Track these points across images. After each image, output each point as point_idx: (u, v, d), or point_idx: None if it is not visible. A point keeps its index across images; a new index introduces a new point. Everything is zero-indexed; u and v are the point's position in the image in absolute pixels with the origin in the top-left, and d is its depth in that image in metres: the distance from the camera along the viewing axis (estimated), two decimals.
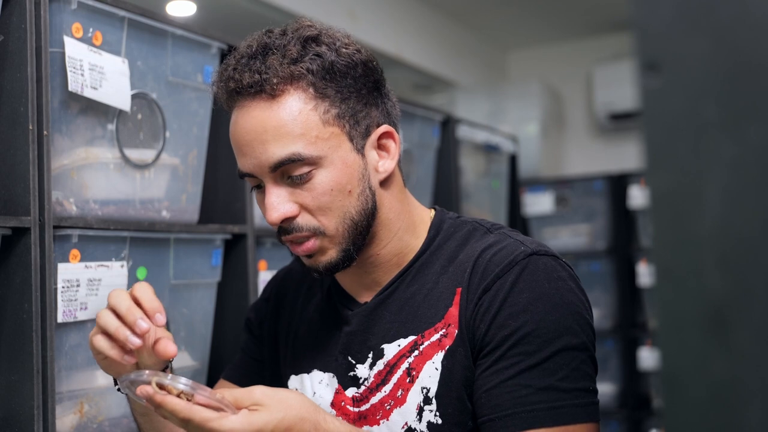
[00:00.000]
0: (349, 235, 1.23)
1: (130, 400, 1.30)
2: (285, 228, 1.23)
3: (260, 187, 1.26)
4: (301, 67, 1.19)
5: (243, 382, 1.41)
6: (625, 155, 4.80)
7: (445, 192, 2.88)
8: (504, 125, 4.30)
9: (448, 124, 2.91)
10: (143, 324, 1.13)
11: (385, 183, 1.27)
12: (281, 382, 1.40)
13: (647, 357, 3.85)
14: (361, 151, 1.24)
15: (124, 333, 1.14)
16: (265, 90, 1.19)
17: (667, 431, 0.58)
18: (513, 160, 3.58)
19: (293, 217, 1.22)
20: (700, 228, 0.55)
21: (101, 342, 1.17)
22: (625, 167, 4.23)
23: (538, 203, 4.14)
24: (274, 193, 1.21)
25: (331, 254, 1.24)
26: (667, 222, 0.56)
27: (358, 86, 1.23)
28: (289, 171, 1.20)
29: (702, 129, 0.53)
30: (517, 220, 3.64)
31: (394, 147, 1.28)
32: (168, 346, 1.15)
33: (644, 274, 3.83)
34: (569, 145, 5.18)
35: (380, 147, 1.27)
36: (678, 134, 0.54)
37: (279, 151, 1.18)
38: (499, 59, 5.47)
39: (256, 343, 1.47)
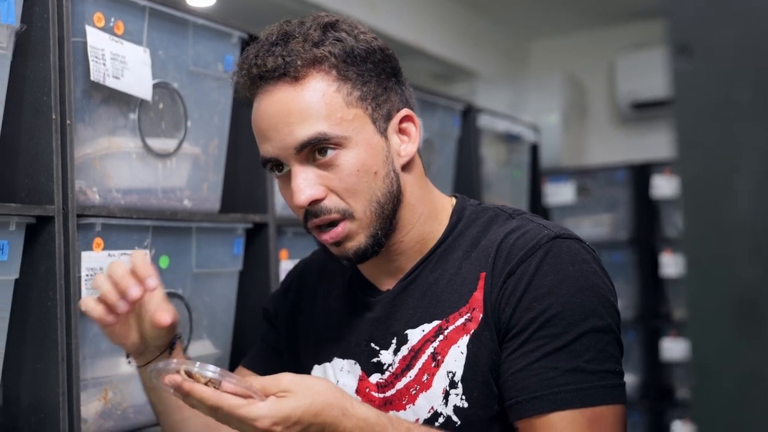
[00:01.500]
0: (377, 218, 1.23)
1: (141, 377, 1.34)
2: (312, 211, 1.23)
3: (282, 173, 1.26)
4: (323, 50, 1.21)
5: (262, 369, 1.42)
6: (648, 145, 4.76)
7: (466, 181, 2.87)
8: (525, 115, 4.28)
9: (469, 114, 2.90)
10: (135, 291, 1.20)
11: (407, 167, 1.28)
12: (301, 373, 1.40)
13: (670, 348, 3.82)
14: (384, 134, 1.25)
15: (113, 297, 1.21)
16: (288, 73, 1.20)
17: (695, 421, 0.57)
18: (534, 149, 3.56)
19: (320, 200, 1.22)
20: (731, 216, 0.54)
21: (89, 302, 1.23)
22: (648, 157, 4.19)
23: (559, 193, 4.11)
24: (301, 176, 1.22)
25: (360, 240, 1.24)
26: (697, 210, 0.56)
27: (377, 71, 1.25)
28: (315, 152, 1.21)
29: (734, 113, 0.52)
30: (539, 209, 3.62)
31: (414, 131, 1.29)
32: (162, 315, 1.23)
33: (667, 264, 3.81)
34: (591, 135, 5.15)
35: (401, 131, 1.28)
36: (709, 119, 0.53)
37: (305, 131, 1.20)
38: (520, 49, 5.44)
39: (275, 332, 1.47)
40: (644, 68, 4.71)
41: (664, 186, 3.86)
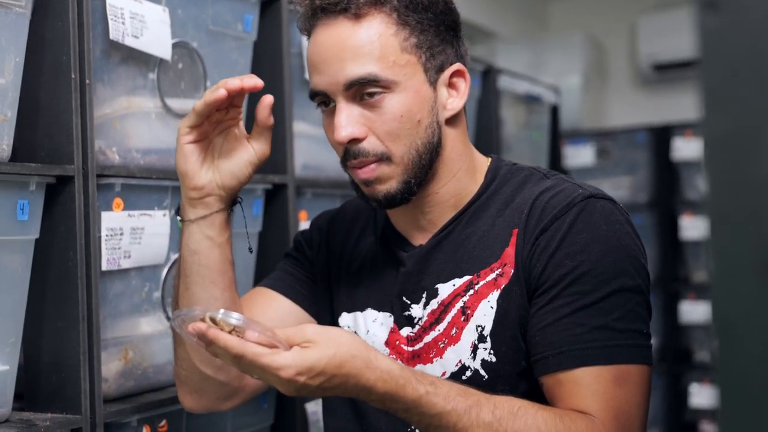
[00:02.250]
0: (413, 166, 1.24)
1: (183, 235, 1.30)
2: (351, 151, 1.24)
3: (329, 107, 1.26)
4: None
5: (282, 287, 1.42)
6: (669, 107, 4.71)
7: (485, 143, 2.85)
8: (545, 77, 4.24)
9: (489, 75, 2.88)
10: (250, 81, 1.23)
11: (451, 122, 1.29)
12: (332, 315, 1.40)
13: (688, 311, 3.81)
14: (433, 84, 1.26)
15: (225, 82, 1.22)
16: (349, 9, 1.21)
17: (718, 383, 0.57)
18: (554, 111, 3.54)
19: (360, 140, 1.23)
20: (759, 172, 0.53)
21: (207, 94, 1.23)
22: (669, 119, 4.15)
23: (579, 155, 4.09)
24: (344, 113, 1.23)
25: (392, 184, 1.25)
26: (722, 169, 0.55)
27: (437, 21, 1.26)
28: (363, 92, 1.22)
29: (762, 69, 0.51)
30: (559, 172, 3.60)
31: (464, 87, 1.30)
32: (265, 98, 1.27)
33: (687, 227, 3.79)
34: (612, 97, 5.10)
35: (451, 85, 1.29)
36: (737, 76, 0.52)
37: (356, 69, 1.21)
38: (541, 9, 5.38)
39: (304, 263, 1.46)
40: (666, 29, 4.65)
41: (684, 148, 3.83)
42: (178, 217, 1.31)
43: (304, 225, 1.92)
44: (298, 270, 1.45)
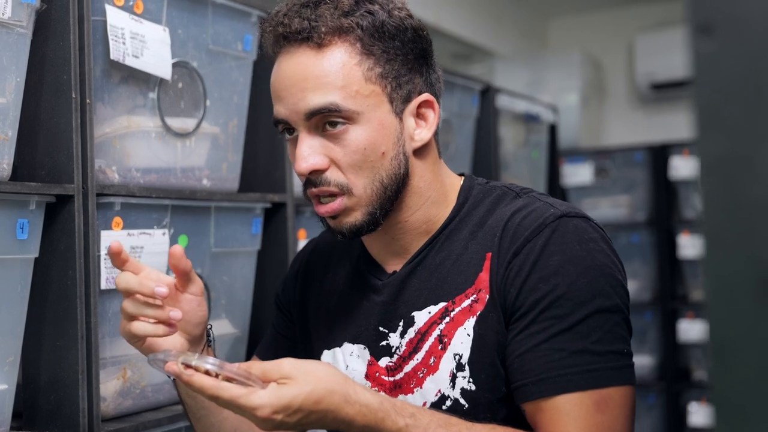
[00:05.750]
0: (377, 198, 1.22)
1: (176, 384, 1.29)
2: (312, 180, 1.22)
3: (292, 136, 1.24)
4: (351, 21, 1.19)
5: (274, 358, 1.40)
6: (667, 126, 4.73)
7: (484, 162, 2.86)
8: (544, 95, 4.25)
9: (487, 94, 2.89)
10: (161, 289, 1.18)
11: (419, 152, 1.26)
12: (314, 355, 1.38)
13: (687, 329, 3.81)
14: (399, 115, 1.23)
15: (148, 285, 1.18)
16: (312, 38, 1.18)
17: (714, 402, 0.57)
18: (553, 130, 3.55)
19: (322, 170, 1.21)
20: (752, 196, 0.54)
21: (129, 306, 1.19)
22: (667, 138, 4.16)
23: (577, 174, 4.09)
24: (306, 144, 1.20)
25: (356, 216, 1.22)
26: (717, 188, 0.55)
27: (405, 50, 1.22)
28: (325, 123, 1.19)
29: (756, 93, 0.52)
30: (557, 190, 3.61)
31: (432, 117, 1.27)
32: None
33: (685, 246, 3.79)
34: (610, 116, 5.12)
35: (419, 116, 1.26)
36: (731, 99, 0.53)
37: (317, 99, 1.18)
38: (539, 28, 5.41)
39: (286, 319, 1.45)
40: (663, 48, 4.67)
41: (682, 167, 3.84)
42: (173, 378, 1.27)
43: (303, 244, 1.92)
44: (282, 323, 1.45)
